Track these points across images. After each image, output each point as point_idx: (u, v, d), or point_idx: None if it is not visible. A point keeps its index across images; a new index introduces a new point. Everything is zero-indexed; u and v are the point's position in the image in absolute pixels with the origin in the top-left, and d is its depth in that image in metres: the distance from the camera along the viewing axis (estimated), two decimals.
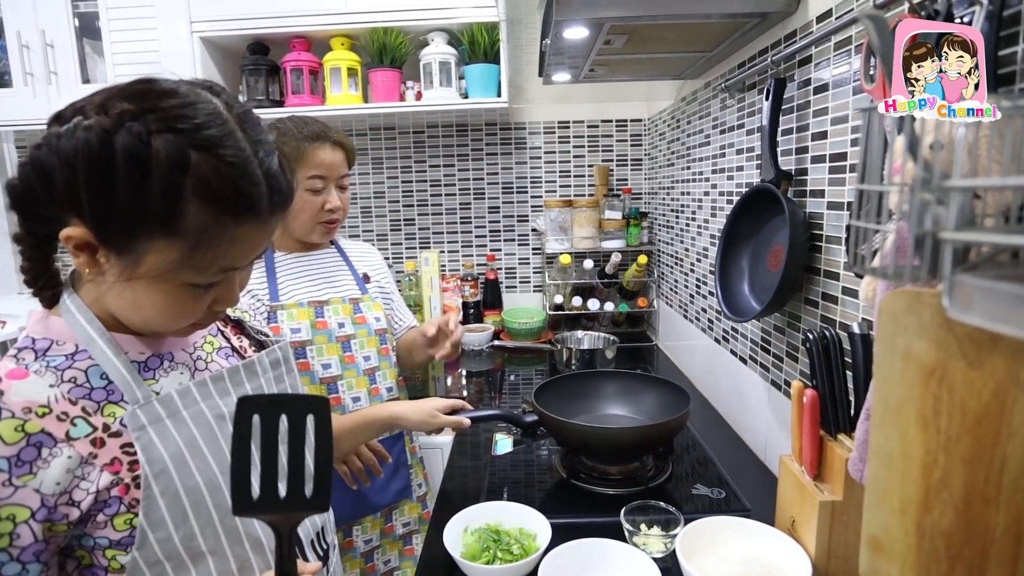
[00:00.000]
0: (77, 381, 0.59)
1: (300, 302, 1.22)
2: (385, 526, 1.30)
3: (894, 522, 0.47)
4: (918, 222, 0.35)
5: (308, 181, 1.17)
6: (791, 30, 1.11)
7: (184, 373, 0.67)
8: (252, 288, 1.18)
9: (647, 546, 0.90)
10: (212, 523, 0.62)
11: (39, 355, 0.59)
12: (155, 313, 0.60)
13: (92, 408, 0.58)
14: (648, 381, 1.36)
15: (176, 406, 0.62)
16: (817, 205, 1.04)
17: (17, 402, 0.54)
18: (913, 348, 0.44)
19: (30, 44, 1.92)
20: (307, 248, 1.29)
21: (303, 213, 1.20)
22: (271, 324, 1.18)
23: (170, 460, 0.59)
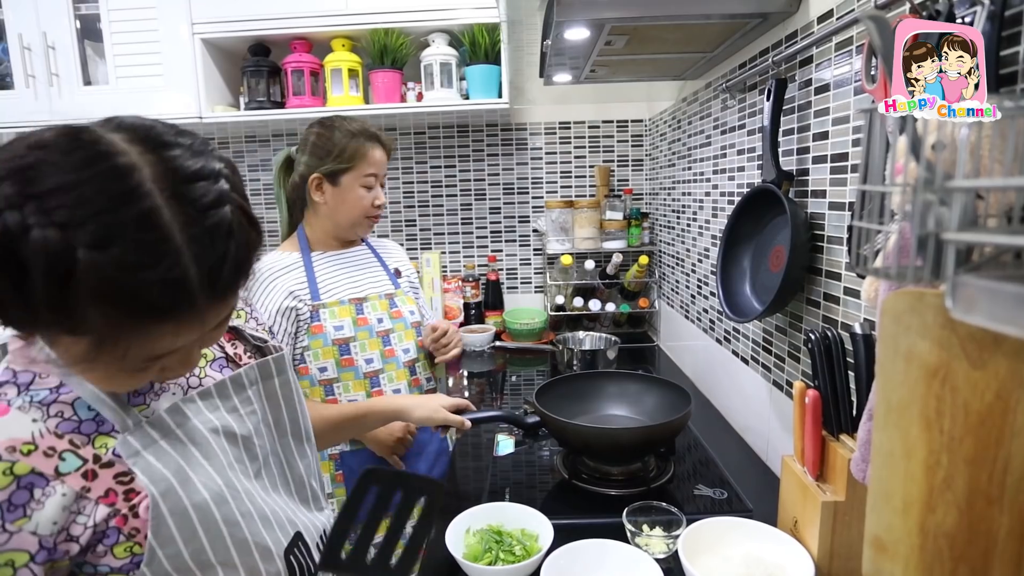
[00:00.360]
0: (64, 415, 0.55)
1: (341, 300, 1.26)
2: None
3: (897, 523, 0.47)
4: (921, 223, 0.35)
5: (364, 179, 1.25)
6: (792, 30, 1.11)
7: (176, 393, 0.64)
8: (294, 289, 1.22)
9: (649, 547, 0.90)
10: (221, 536, 0.60)
11: (22, 389, 0.55)
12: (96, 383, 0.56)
13: (81, 441, 0.55)
14: (649, 382, 1.36)
15: (168, 426, 0.60)
16: (818, 205, 1.04)
17: (1, 442, 0.51)
18: (916, 348, 0.44)
19: (32, 46, 1.92)
20: (343, 246, 1.34)
21: (356, 208, 1.26)
22: (314, 323, 1.23)
23: (173, 478, 0.57)
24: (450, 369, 2.03)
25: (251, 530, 0.63)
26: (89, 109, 1.96)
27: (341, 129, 1.24)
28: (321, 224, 1.30)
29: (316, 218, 1.30)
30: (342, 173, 1.24)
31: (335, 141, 1.23)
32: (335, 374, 1.25)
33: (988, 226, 0.38)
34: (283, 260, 1.26)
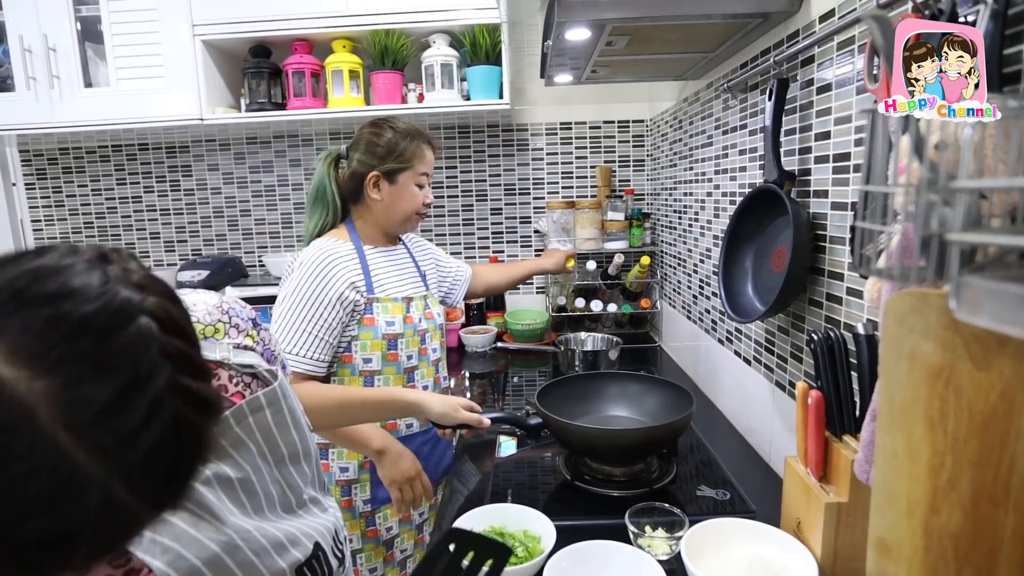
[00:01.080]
0: None
1: (394, 297, 1.32)
2: (433, 499, 1.40)
3: (901, 524, 0.46)
4: (924, 223, 0.35)
5: (418, 177, 1.32)
6: (793, 30, 1.11)
7: None
8: (354, 280, 1.25)
9: (652, 548, 0.90)
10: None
11: None
12: None
13: None
14: (651, 382, 1.36)
15: None
16: (821, 205, 1.04)
17: None
18: (919, 349, 0.44)
19: (32, 48, 1.92)
20: (389, 242, 1.40)
21: (410, 205, 1.33)
22: (367, 315, 1.27)
23: (177, 544, 0.52)
24: (452, 370, 2.02)
25: (266, 564, 0.60)
26: (90, 111, 1.97)
27: (396, 129, 1.31)
28: (375, 219, 1.34)
29: (370, 214, 1.34)
30: (400, 172, 1.30)
31: (393, 141, 1.29)
32: (379, 367, 1.29)
33: (992, 226, 0.38)
34: (340, 248, 1.28)
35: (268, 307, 1.90)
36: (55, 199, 2.45)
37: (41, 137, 2.32)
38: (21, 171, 2.44)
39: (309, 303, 1.21)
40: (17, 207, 2.45)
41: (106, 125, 1.98)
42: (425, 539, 1.41)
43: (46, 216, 2.46)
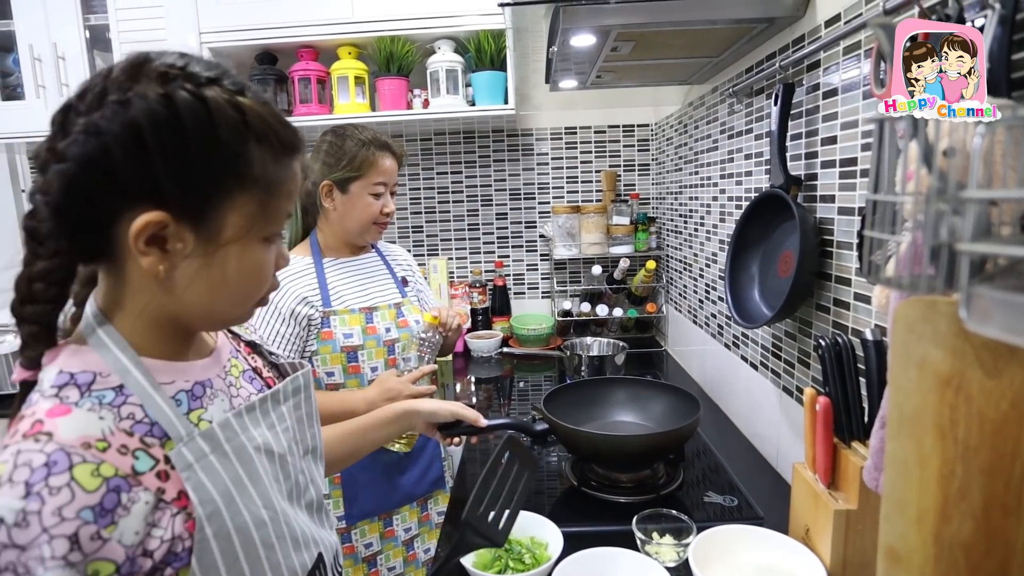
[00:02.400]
0: (135, 417, 0.53)
1: (352, 308, 1.29)
2: (422, 515, 1.38)
3: (912, 532, 0.46)
4: (933, 233, 0.35)
5: (373, 186, 1.27)
6: (799, 35, 1.11)
7: (224, 400, 0.62)
8: (306, 295, 1.24)
9: (660, 555, 0.89)
10: (260, 560, 0.58)
11: (84, 391, 0.51)
12: (240, 283, 0.56)
13: (152, 442, 0.53)
14: (658, 387, 1.35)
15: (219, 440, 0.57)
16: (827, 210, 1.04)
17: (72, 440, 0.47)
18: (929, 357, 0.44)
19: (42, 57, 1.94)
20: (353, 252, 1.37)
21: (365, 215, 1.28)
22: (324, 329, 1.25)
23: (220, 499, 0.54)
24: (457, 375, 2.03)
25: (283, 553, 0.61)
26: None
27: (353, 138, 1.26)
28: (332, 230, 1.33)
29: (327, 224, 1.33)
30: (352, 181, 1.26)
31: (346, 149, 1.26)
32: (341, 380, 1.27)
33: (1002, 234, 0.37)
34: (295, 264, 1.27)
35: None
36: None
37: None
38: (31, 178, 2.46)
39: (264, 319, 1.21)
40: None
41: None
42: (417, 555, 1.37)
43: None
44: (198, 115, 0.49)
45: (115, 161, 0.48)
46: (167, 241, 0.51)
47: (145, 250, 0.50)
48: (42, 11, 1.93)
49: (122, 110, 0.48)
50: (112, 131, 0.48)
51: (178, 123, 0.48)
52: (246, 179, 0.53)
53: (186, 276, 0.53)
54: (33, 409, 0.50)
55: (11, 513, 0.43)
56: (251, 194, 0.53)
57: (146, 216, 0.49)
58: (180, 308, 0.55)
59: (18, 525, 0.43)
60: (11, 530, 0.43)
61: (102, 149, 0.48)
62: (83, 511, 0.45)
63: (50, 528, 0.44)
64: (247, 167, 0.52)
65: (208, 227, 0.52)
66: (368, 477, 1.28)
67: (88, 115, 0.48)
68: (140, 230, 0.49)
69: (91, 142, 0.48)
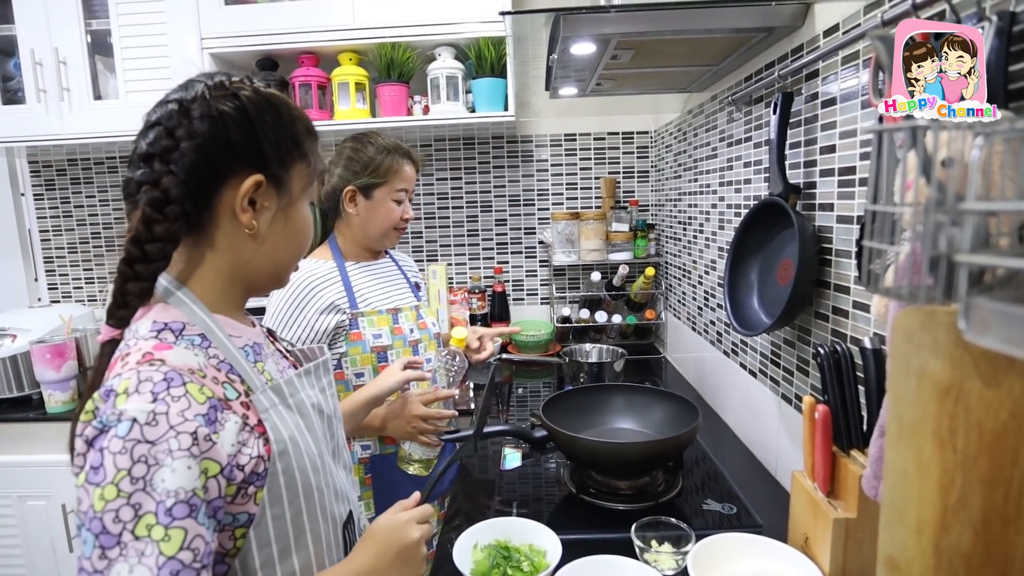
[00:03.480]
0: (219, 357, 0.64)
1: (379, 309, 1.33)
2: (439, 512, 1.39)
3: (911, 542, 0.46)
4: (932, 244, 0.35)
5: (395, 193, 1.32)
6: (798, 44, 1.12)
7: (273, 363, 0.73)
8: (335, 300, 1.27)
9: (658, 563, 0.89)
10: (314, 501, 0.67)
11: (178, 335, 0.63)
12: (299, 236, 0.73)
13: (235, 378, 0.64)
14: (657, 395, 1.35)
15: (285, 394, 0.68)
16: (826, 219, 1.04)
17: (180, 365, 0.58)
18: (928, 367, 0.44)
19: (43, 61, 1.95)
20: (372, 256, 1.41)
21: (386, 220, 1.33)
22: (353, 331, 1.28)
23: (288, 442, 0.64)
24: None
25: (329, 500, 0.71)
26: (100, 124, 1.99)
27: (375, 144, 1.31)
28: (353, 235, 1.36)
29: (348, 229, 1.36)
30: (376, 187, 1.30)
31: (369, 156, 1.30)
32: (371, 380, 1.28)
33: (1001, 245, 0.38)
34: (320, 269, 1.29)
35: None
36: (63, 209, 2.47)
37: (50, 148, 2.34)
38: (30, 181, 2.46)
39: (290, 323, 1.23)
40: (25, 217, 2.47)
41: (115, 137, 1.99)
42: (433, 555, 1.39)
43: (54, 226, 2.48)
44: (278, 103, 0.68)
45: (231, 135, 0.64)
46: (257, 201, 0.66)
47: (244, 209, 0.65)
48: (44, 15, 1.94)
49: (234, 99, 0.65)
50: (228, 113, 0.64)
51: (270, 106, 0.67)
52: (301, 151, 0.70)
53: (267, 228, 0.68)
54: (138, 346, 0.60)
55: (143, 414, 0.53)
56: (305, 163, 0.71)
57: (252, 177, 0.65)
58: (258, 262, 0.69)
59: (149, 424, 0.53)
60: (143, 428, 0.53)
61: (223, 126, 0.63)
62: (198, 416, 0.56)
63: (176, 426, 0.54)
64: (301, 143, 0.70)
65: (284, 187, 0.68)
66: (398, 476, 1.30)
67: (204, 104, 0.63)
68: (247, 188, 0.64)
69: (214, 121, 0.63)
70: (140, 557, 0.51)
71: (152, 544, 0.51)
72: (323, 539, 0.69)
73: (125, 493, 0.52)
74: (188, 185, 0.62)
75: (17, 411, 1.89)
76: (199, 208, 0.64)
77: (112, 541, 0.51)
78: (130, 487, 0.52)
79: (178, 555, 0.52)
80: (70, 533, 1.84)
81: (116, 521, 0.51)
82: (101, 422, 0.54)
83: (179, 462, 0.53)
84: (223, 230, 0.66)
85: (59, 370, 1.83)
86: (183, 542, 0.52)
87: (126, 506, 0.52)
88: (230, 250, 0.67)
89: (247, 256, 0.68)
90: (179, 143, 0.62)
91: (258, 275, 0.71)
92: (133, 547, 0.51)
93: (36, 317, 2.05)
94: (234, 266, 0.68)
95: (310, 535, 0.67)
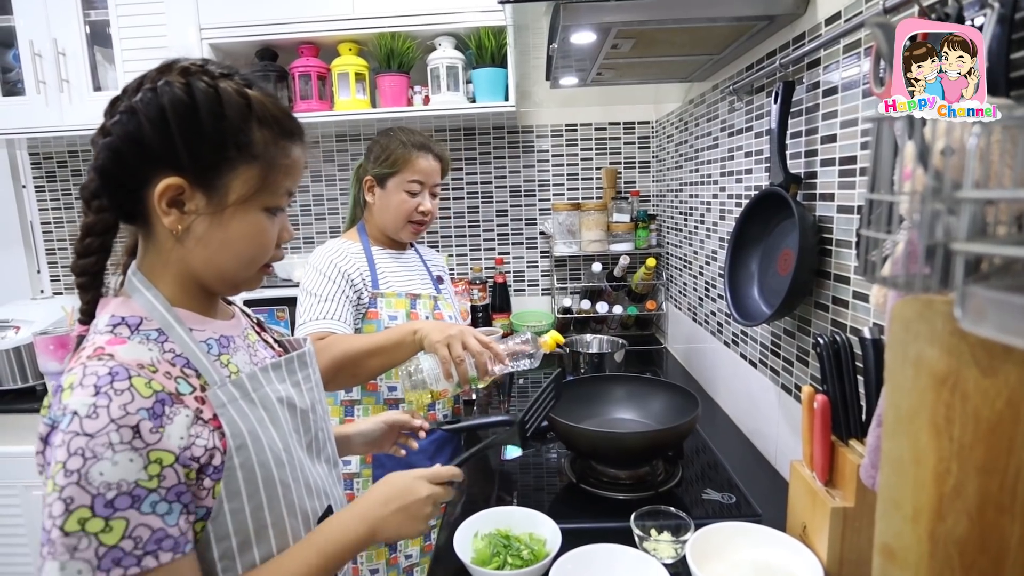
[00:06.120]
0: (176, 351, 0.63)
1: (398, 292, 1.36)
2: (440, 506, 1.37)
3: (907, 530, 0.46)
4: (929, 232, 0.35)
5: (408, 184, 1.33)
6: (799, 32, 1.11)
7: (245, 356, 0.72)
8: (360, 273, 1.31)
9: (657, 552, 0.90)
10: (277, 496, 0.66)
11: (134, 330, 0.63)
12: (244, 245, 0.66)
13: (191, 373, 0.63)
14: (657, 385, 1.35)
15: (247, 388, 0.67)
16: (827, 209, 1.04)
17: (129, 360, 0.58)
18: (925, 355, 0.44)
19: (42, 52, 1.94)
20: (396, 246, 1.44)
21: (399, 211, 1.35)
22: (371, 309, 1.31)
23: (247, 436, 0.64)
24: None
25: (298, 495, 0.69)
26: (99, 114, 1.97)
27: (396, 138, 1.35)
28: (374, 222, 1.41)
29: (371, 216, 1.41)
30: (388, 177, 1.34)
31: (387, 147, 1.34)
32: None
33: (998, 234, 0.38)
34: (349, 247, 1.35)
35: (273, 309, 1.92)
36: (64, 201, 2.47)
37: (51, 140, 2.33)
38: (31, 173, 2.46)
39: (326, 279, 1.27)
40: (27, 209, 2.47)
41: None
42: (432, 547, 1.40)
43: (55, 218, 2.48)
44: (209, 100, 0.61)
45: (145, 134, 0.60)
46: (184, 203, 0.62)
47: (167, 210, 0.62)
48: (42, 7, 1.93)
49: (152, 95, 0.61)
50: (144, 111, 0.60)
51: (193, 105, 0.61)
52: (248, 154, 0.64)
53: (198, 233, 0.64)
54: (93, 340, 0.61)
55: (84, 407, 0.54)
56: (252, 167, 0.64)
57: (167, 180, 0.61)
58: (197, 265, 0.66)
59: (89, 416, 0.53)
60: (83, 420, 0.53)
61: (137, 125, 0.60)
62: (141, 411, 0.55)
63: (116, 419, 0.54)
64: (249, 144, 0.63)
65: (216, 191, 0.63)
66: (396, 462, 1.29)
67: (128, 100, 0.62)
68: (162, 191, 0.61)
69: (129, 120, 0.61)
70: (72, 553, 0.51)
71: (87, 538, 0.52)
72: (288, 533, 0.68)
73: (59, 487, 0.52)
74: (106, 179, 0.62)
75: (21, 402, 1.91)
76: (131, 201, 0.63)
77: (44, 537, 0.52)
78: (64, 480, 0.52)
79: (120, 543, 0.53)
80: None
81: (48, 516, 0.52)
82: (51, 418, 0.56)
83: (120, 455, 0.53)
84: (163, 226, 0.64)
85: (63, 361, 1.84)
86: (124, 531, 0.53)
87: (58, 500, 0.52)
88: (172, 249, 0.65)
89: (187, 258, 0.66)
90: (102, 138, 0.62)
91: (205, 278, 0.68)
92: (62, 543, 0.51)
93: (39, 309, 2.06)
94: (181, 265, 0.66)
95: (272, 529, 0.66)
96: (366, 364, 1.14)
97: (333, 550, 0.69)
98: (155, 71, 0.64)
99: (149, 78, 0.63)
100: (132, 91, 0.63)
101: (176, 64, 0.64)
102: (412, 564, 1.39)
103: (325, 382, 1.07)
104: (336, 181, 2.41)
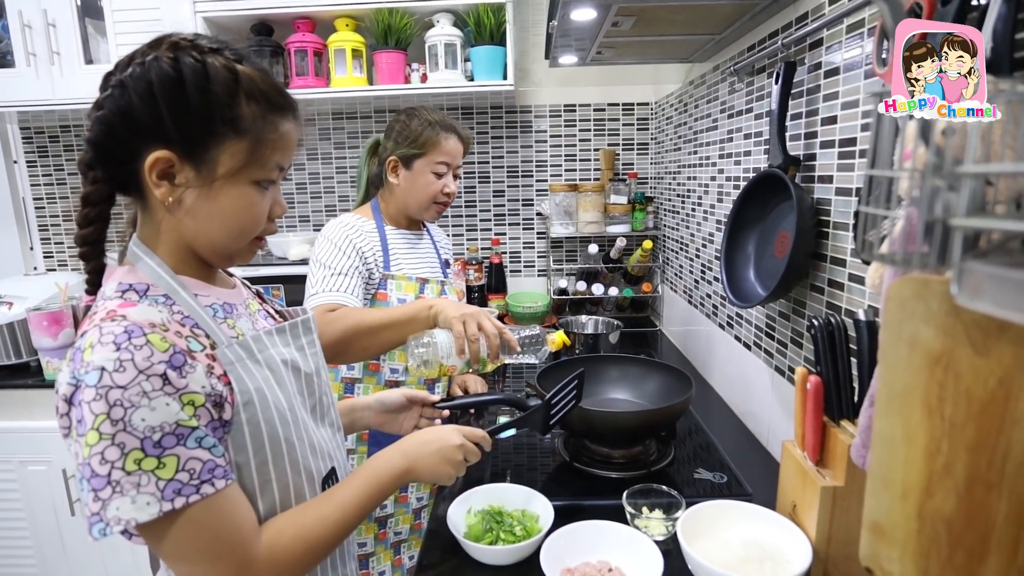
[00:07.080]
0: (184, 313, 0.65)
1: (408, 276, 1.36)
2: (434, 487, 1.40)
3: (896, 508, 0.47)
4: (928, 208, 0.35)
5: (435, 165, 1.33)
6: (802, 12, 1.10)
7: (248, 323, 0.74)
8: (366, 255, 1.29)
9: (648, 529, 0.91)
10: (282, 453, 0.69)
11: (142, 295, 0.65)
12: (234, 218, 0.67)
13: (199, 333, 0.65)
14: (651, 366, 1.36)
15: (252, 349, 0.69)
16: (825, 191, 1.03)
17: (142, 320, 0.59)
18: (920, 335, 0.44)
19: (32, 24, 1.91)
20: (412, 226, 1.44)
21: (425, 192, 1.34)
22: (380, 291, 1.31)
23: (254, 393, 0.66)
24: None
25: (302, 454, 0.72)
26: (91, 88, 1.94)
27: (420, 118, 1.33)
28: (396, 203, 1.39)
29: (392, 197, 1.39)
30: (415, 158, 1.33)
31: (412, 128, 1.32)
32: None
33: (996, 212, 0.37)
34: (364, 225, 1.34)
35: (269, 287, 1.91)
36: (56, 177, 2.44)
37: (42, 114, 2.30)
38: (23, 149, 2.43)
39: (341, 252, 1.26)
40: (19, 184, 2.44)
41: None
42: (423, 525, 1.41)
43: (48, 194, 2.46)
44: (197, 74, 0.62)
45: (135, 108, 0.61)
46: (174, 176, 0.64)
47: (157, 182, 0.63)
48: None
49: (141, 70, 0.62)
50: (133, 86, 0.62)
51: (180, 80, 0.61)
52: (236, 128, 0.64)
53: (189, 205, 0.65)
54: (104, 305, 0.63)
55: (109, 362, 0.56)
56: (241, 141, 0.65)
57: (157, 153, 0.62)
58: (189, 236, 0.67)
59: (117, 371, 0.56)
60: (112, 375, 0.55)
61: (127, 99, 0.62)
62: (162, 362, 0.58)
63: (144, 370, 0.56)
64: (237, 118, 0.64)
65: (205, 164, 0.64)
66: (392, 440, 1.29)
67: (119, 75, 0.63)
68: (152, 164, 0.62)
69: (120, 94, 0.62)
70: (138, 488, 0.56)
71: (147, 475, 0.56)
72: (291, 489, 0.70)
73: (108, 435, 0.55)
74: (99, 151, 0.64)
75: (16, 378, 1.91)
76: (124, 173, 0.65)
77: (102, 482, 0.55)
78: (111, 428, 0.55)
79: (176, 476, 0.57)
80: (71, 497, 1.86)
81: (103, 462, 0.55)
82: (75, 377, 0.57)
83: (156, 401, 0.57)
84: (156, 199, 0.65)
85: (56, 337, 1.84)
86: (178, 466, 0.57)
87: (111, 446, 0.55)
88: (166, 220, 0.67)
89: (180, 228, 0.67)
90: (96, 111, 0.64)
91: (198, 248, 0.69)
92: (127, 481, 0.55)
93: (32, 285, 2.05)
94: (176, 235, 0.68)
95: (276, 483, 0.68)
96: (378, 336, 1.12)
97: (377, 480, 0.77)
98: (146, 46, 0.65)
99: (140, 53, 0.64)
100: (123, 66, 0.64)
101: (167, 39, 0.65)
102: (400, 540, 1.40)
103: (335, 354, 1.11)
104: (332, 159, 2.39)
